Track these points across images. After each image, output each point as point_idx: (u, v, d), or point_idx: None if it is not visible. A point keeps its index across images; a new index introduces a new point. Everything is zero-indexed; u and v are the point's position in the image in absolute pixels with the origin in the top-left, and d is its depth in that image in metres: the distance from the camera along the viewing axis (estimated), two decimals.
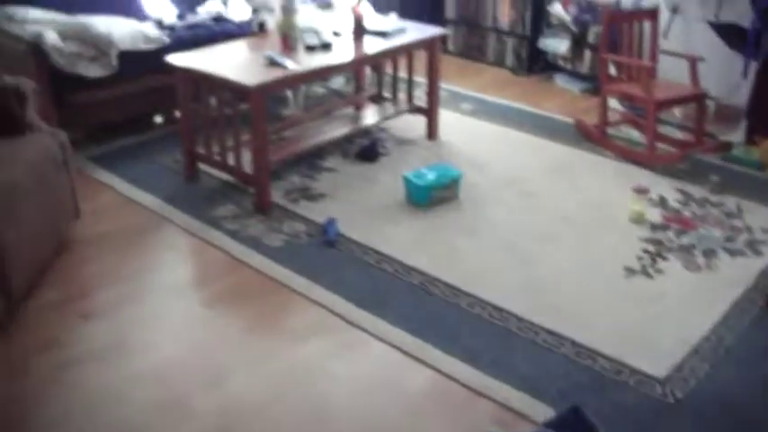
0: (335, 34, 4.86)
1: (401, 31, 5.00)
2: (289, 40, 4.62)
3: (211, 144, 4.51)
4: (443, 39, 6.32)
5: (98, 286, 3.75)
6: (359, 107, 5.51)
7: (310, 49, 4.61)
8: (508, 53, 6.86)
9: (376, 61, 5.29)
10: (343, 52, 4.65)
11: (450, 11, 7.14)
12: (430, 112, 5.27)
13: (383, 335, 3.39)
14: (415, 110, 5.36)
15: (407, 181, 4.46)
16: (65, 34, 4.82)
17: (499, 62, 6.87)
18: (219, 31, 5.45)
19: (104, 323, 3.47)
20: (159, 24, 5.50)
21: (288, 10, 4.60)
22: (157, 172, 4.87)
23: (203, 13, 5.81)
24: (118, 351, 3.29)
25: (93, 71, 4.85)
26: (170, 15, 5.73)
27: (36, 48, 4.69)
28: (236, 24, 5.58)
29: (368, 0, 6.04)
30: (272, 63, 4.35)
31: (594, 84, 6.18)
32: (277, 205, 4.44)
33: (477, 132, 5.52)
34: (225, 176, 4.70)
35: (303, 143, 4.74)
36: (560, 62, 6.51)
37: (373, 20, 5.02)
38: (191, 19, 5.69)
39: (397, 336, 3.38)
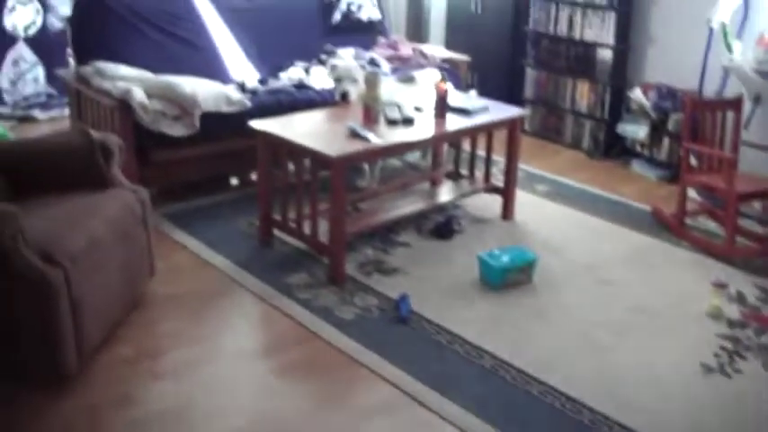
0: (417, 109, 4.86)
1: (483, 109, 4.99)
2: (371, 112, 4.62)
3: (288, 211, 4.50)
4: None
5: (170, 346, 3.74)
6: (435, 182, 5.48)
7: (392, 122, 4.62)
8: (585, 136, 6.81)
9: (456, 139, 5.26)
10: (424, 128, 4.64)
11: (528, 91, 7.11)
12: (506, 193, 5.23)
13: (451, 417, 3.33)
14: (492, 189, 5.31)
15: (482, 261, 4.41)
16: (151, 92, 4.89)
17: (576, 144, 6.82)
18: (301, 98, 5.49)
19: (174, 384, 3.46)
20: (242, 88, 5.56)
21: (372, 83, 4.62)
22: (232, 234, 4.89)
23: (285, 78, 5.87)
24: (185, 414, 3.28)
25: (176, 130, 4.91)
26: (252, 79, 5.79)
27: (123, 104, 4.76)
28: (317, 92, 5.62)
29: (449, 77, 6.05)
30: (355, 135, 4.35)
31: (672, 171, 6.11)
32: (350, 277, 4.40)
33: (553, 215, 5.46)
34: (299, 243, 4.66)
35: (380, 216, 4.72)
36: (638, 148, 6.42)
37: (455, 97, 5.00)
38: (273, 84, 5.74)
39: (465, 419, 3.31)
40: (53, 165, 3.86)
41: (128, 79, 4.99)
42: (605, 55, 6.58)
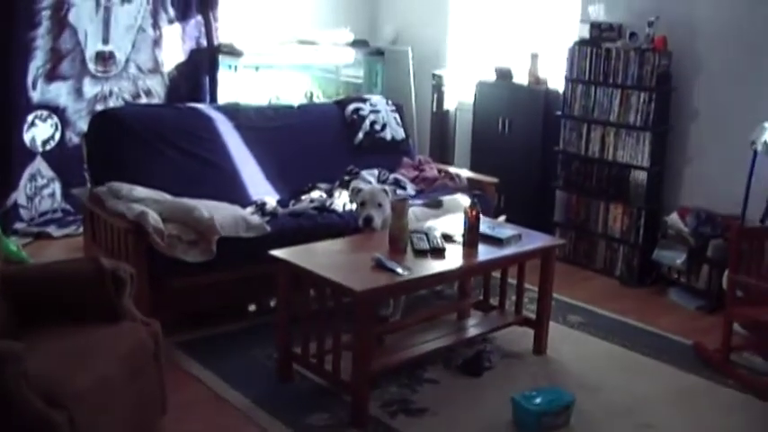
0: (446, 238, 4.59)
1: (516, 238, 4.72)
2: (398, 242, 4.37)
3: (308, 344, 4.21)
4: None
5: None
6: (463, 314, 5.18)
7: (420, 253, 4.34)
8: (618, 262, 6.52)
9: (488, 270, 4.98)
10: (454, 259, 4.37)
11: (558, 214, 6.86)
12: (539, 326, 4.94)
13: None
14: (523, 322, 5.01)
15: (516, 404, 4.09)
16: (167, 216, 4.68)
17: (608, 271, 6.53)
18: (322, 223, 5.27)
19: None
20: (261, 209, 5.34)
21: (399, 211, 4.36)
22: (250, 368, 4.61)
23: (306, 200, 5.65)
24: None
25: (192, 256, 4.68)
26: (272, 201, 5.58)
27: (137, 227, 4.52)
28: (339, 216, 5.39)
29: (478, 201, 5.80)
30: (380, 266, 4.08)
31: (711, 301, 5.82)
32: (374, 418, 4.09)
33: (587, 349, 5.16)
34: (320, 379, 4.36)
35: (406, 352, 4.42)
36: (674, 275, 6.12)
37: (486, 223, 4.74)
38: (293, 207, 5.51)
39: None
40: (61, 294, 3.62)
41: (143, 201, 4.77)
42: (640, 177, 6.34)
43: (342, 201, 5.62)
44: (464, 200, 5.72)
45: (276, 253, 4.23)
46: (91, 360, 3.24)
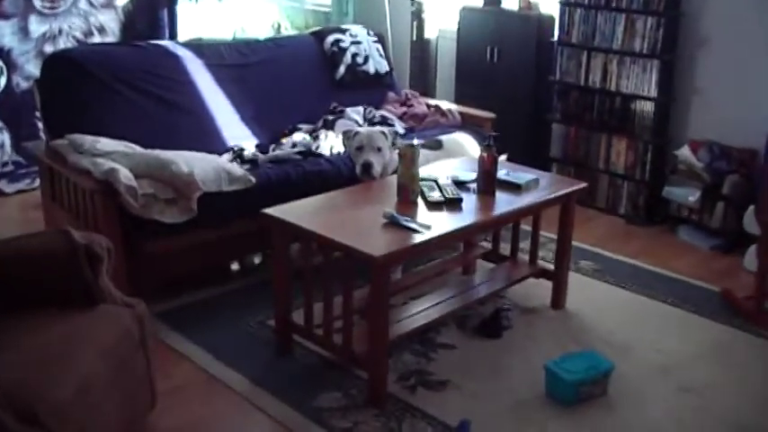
0: (458, 185, 4.05)
1: (534, 182, 4.21)
2: (408, 193, 3.82)
3: (311, 314, 3.69)
4: None
5: None
6: (468, 267, 4.68)
7: (434, 205, 3.80)
8: (623, 199, 6.03)
9: (511, 222, 4.45)
10: (473, 210, 3.85)
11: (555, 148, 6.35)
12: (558, 278, 4.45)
13: None
14: (540, 273, 4.51)
15: (551, 373, 3.63)
16: (139, 172, 4.07)
17: (611, 209, 6.07)
18: (311, 170, 4.69)
19: None
20: (239, 156, 4.76)
21: (409, 157, 3.81)
22: (242, 340, 4.09)
23: (287, 144, 5.07)
24: None
25: (171, 216, 4.11)
26: (250, 146, 4.99)
27: (106, 187, 3.91)
28: (328, 161, 4.82)
29: (478, 139, 5.27)
30: (395, 224, 3.53)
31: (727, 240, 5.39)
32: (391, 395, 3.59)
33: (606, 300, 4.72)
34: (325, 352, 3.87)
35: (419, 317, 3.90)
36: (685, 213, 5.66)
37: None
38: (274, 152, 4.94)
39: None
40: (26, 277, 3.03)
41: (110, 155, 4.15)
42: (646, 108, 5.84)
43: (328, 143, 5.06)
44: (464, 139, 5.20)
45: (271, 212, 3.68)
46: (69, 361, 2.68)
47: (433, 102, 6.04)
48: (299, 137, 5.20)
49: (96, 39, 6.56)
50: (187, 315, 4.27)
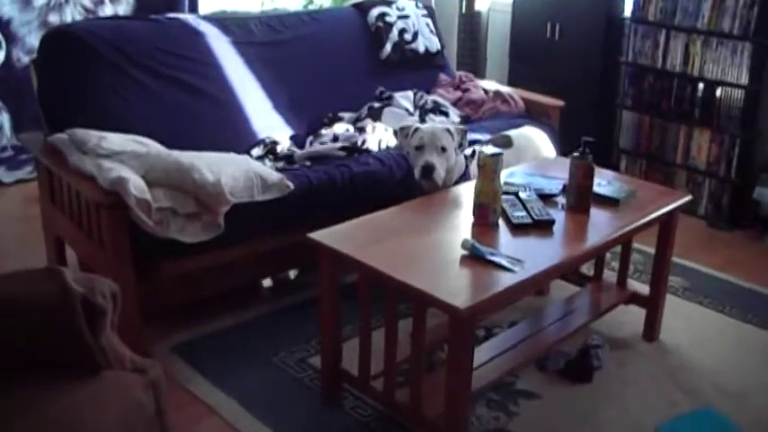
0: (543, 197, 3.29)
1: (630, 195, 3.44)
2: (488, 212, 3.06)
3: (368, 362, 2.97)
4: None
5: None
6: (542, 289, 3.95)
7: (520, 228, 3.05)
8: (702, 200, 5.27)
9: (612, 247, 3.69)
10: (567, 235, 3.09)
11: (625, 139, 5.58)
12: (653, 306, 3.71)
13: None
14: (631, 298, 3.77)
15: None
16: (154, 177, 3.30)
17: (690, 209, 5.30)
18: (359, 172, 3.93)
19: None
20: (271, 151, 4.03)
21: (490, 169, 3.04)
22: (279, 382, 3.37)
23: (327, 136, 4.31)
24: None
25: (192, 235, 3.36)
26: (284, 138, 4.23)
27: (114, 198, 3.15)
28: (378, 159, 4.06)
29: (548, 132, 4.50)
30: (477, 257, 2.76)
31: None
32: None
33: (704, 328, 3.99)
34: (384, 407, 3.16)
35: (498, 365, 3.14)
36: None
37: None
38: (312, 146, 4.19)
39: None
40: (8, 332, 2.25)
41: (119, 156, 3.39)
42: (734, 97, 5.07)
43: (376, 137, 4.31)
44: (535, 133, 4.43)
45: (320, 238, 2.92)
46: None
47: (490, 85, 5.24)
48: (340, 128, 4.44)
49: (108, 8, 5.79)
50: (211, 348, 3.57)
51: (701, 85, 5.25)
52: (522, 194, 3.34)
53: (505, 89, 5.17)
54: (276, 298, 4.08)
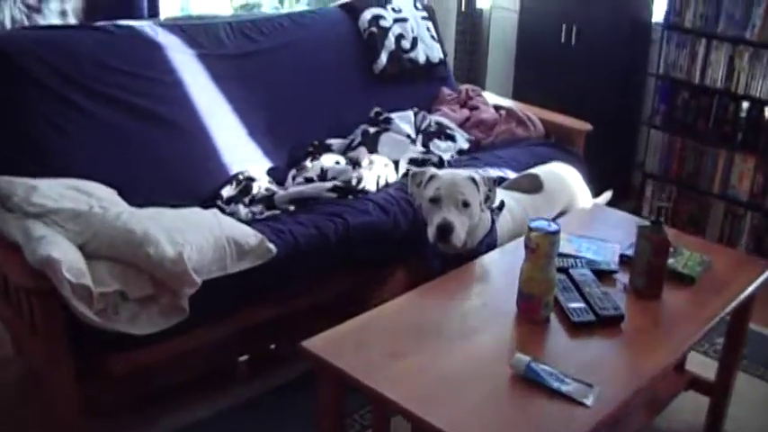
0: (596, 272, 2.53)
1: (705, 267, 2.71)
2: (540, 308, 2.29)
3: None
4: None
5: None
6: None
7: (582, 327, 2.28)
8: (743, 234, 4.58)
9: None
10: (640, 337, 2.34)
11: (652, 163, 4.86)
12: (720, 394, 3.01)
13: None
14: (691, 383, 3.05)
15: None
16: (95, 248, 2.51)
17: (727, 245, 4.58)
18: (357, 225, 3.20)
19: None
20: (245, 190, 3.30)
21: (544, 252, 2.28)
22: None
23: (313, 169, 3.54)
24: None
25: (145, 326, 2.57)
26: (260, 173, 3.46)
27: (45, 282, 2.35)
28: (380, 208, 3.29)
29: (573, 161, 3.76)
30: (533, 378, 2.00)
31: None
32: None
33: None
34: None
35: None
36: None
37: None
38: (295, 183, 3.44)
39: None
40: None
41: (52, 215, 2.59)
42: None
43: (374, 173, 3.53)
44: (564, 170, 3.66)
45: (317, 351, 2.16)
46: None
47: (500, 101, 4.48)
48: (329, 160, 3.68)
49: (54, 4, 4.88)
50: None
51: (745, 105, 4.55)
52: (574, 272, 2.56)
53: (518, 106, 4.40)
54: (253, 380, 3.29)
